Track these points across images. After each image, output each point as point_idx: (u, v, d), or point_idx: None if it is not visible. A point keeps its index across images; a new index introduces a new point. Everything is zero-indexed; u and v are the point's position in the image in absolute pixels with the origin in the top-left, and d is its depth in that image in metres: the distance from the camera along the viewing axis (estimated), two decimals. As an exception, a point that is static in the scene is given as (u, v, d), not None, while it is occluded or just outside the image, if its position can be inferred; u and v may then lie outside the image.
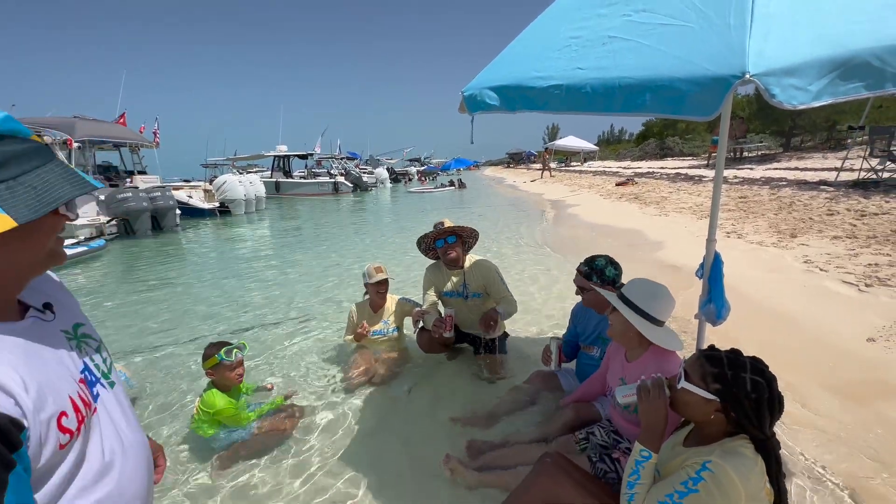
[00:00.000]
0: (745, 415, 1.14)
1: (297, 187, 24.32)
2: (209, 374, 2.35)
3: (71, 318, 0.84)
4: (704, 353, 1.27)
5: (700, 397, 1.20)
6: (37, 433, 0.63)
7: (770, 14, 1.11)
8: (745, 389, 1.14)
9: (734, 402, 1.15)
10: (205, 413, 2.31)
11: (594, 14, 1.53)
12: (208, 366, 2.33)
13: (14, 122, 0.65)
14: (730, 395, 1.16)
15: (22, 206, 0.62)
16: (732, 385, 1.16)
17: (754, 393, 1.14)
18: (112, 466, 0.78)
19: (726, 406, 1.16)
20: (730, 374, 1.17)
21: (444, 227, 2.97)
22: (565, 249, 6.92)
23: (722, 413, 1.17)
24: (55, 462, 0.68)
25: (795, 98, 1.01)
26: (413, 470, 2.17)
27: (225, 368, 2.34)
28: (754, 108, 19.58)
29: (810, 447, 2.11)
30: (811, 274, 4.24)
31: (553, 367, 2.38)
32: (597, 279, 2.25)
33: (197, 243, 10.05)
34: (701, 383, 1.20)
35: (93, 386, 0.80)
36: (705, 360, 1.23)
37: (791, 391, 2.48)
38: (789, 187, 8.78)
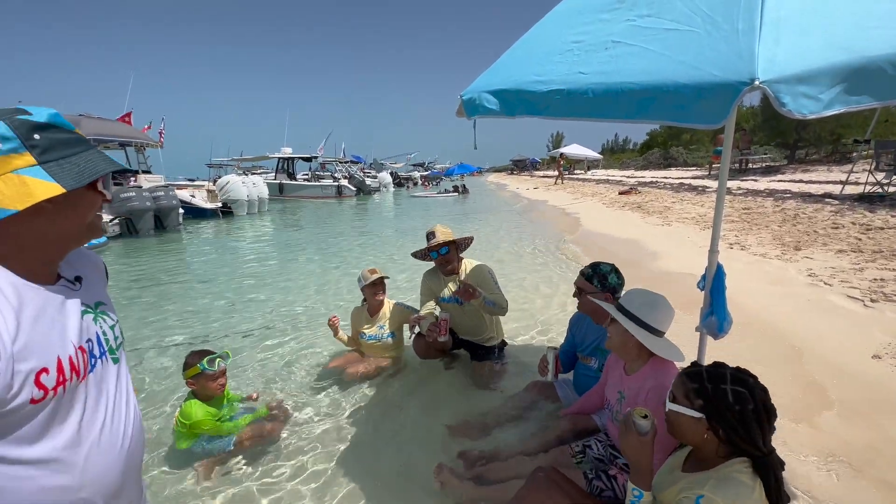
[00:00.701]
0: (732, 428, 1.09)
1: (301, 189, 24.39)
2: (190, 384, 2.26)
3: (95, 295, 0.95)
4: (685, 370, 1.23)
5: (689, 417, 1.15)
6: (6, 381, 0.70)
7: (780, 19, 1.07)
8: (727, 401, 1.09)
9: (718, 416, 1.10)
10: (182, 424, 2.22)
11: (597, 19, 1.50)
12: (189, 375, 2.25)
13: (61, 117, 0.81)
14: (713, 410, 1.11)
15: (69, 177, 0.77)
16: (713, 398, 1.11)
17: (737, 404, 1.08)
18: (86, 439, 0.83)
19: (713, 423, 1.11)
20: (710, 387, 1.13)
21: (437, 238, 2.93)
22: (567, 258, 6.87)
23: (712, 432, 1.12)
24: (25, 414, 0.74)
25: (806, 107, 0.97)
26: (405, 479, 2.12)
27: (207, 378, 2.26)
28: (759, 119, 19.55)
29: (813, 468, 2.04)
30: (815, 288, 4.17)
31: (550, 377, 2.32)
32: (598, 283, 2.20)
33: (198, 244, 10.04)
34: (686, 402, 1.16)
35: (94, 357, 0.88)
36: (686, 378, 1.19)
37: (793, 409, 2.41)
38: (794, 199, 8.72)
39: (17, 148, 0.74)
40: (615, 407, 1.78)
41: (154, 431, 2.53)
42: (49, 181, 0.75)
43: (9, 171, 0.73)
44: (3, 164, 0.73)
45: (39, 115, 0.78)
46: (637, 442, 1.22)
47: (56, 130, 0.79)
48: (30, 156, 0.75)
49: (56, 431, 0.79)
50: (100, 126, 11.98)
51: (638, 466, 1.22)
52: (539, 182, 29.82)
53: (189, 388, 2.28)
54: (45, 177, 0.75)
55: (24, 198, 0.73)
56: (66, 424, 0.81)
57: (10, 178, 0.73)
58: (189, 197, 13.84)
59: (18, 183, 0.73)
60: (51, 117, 0.79)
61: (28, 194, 0.73)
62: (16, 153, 0.74)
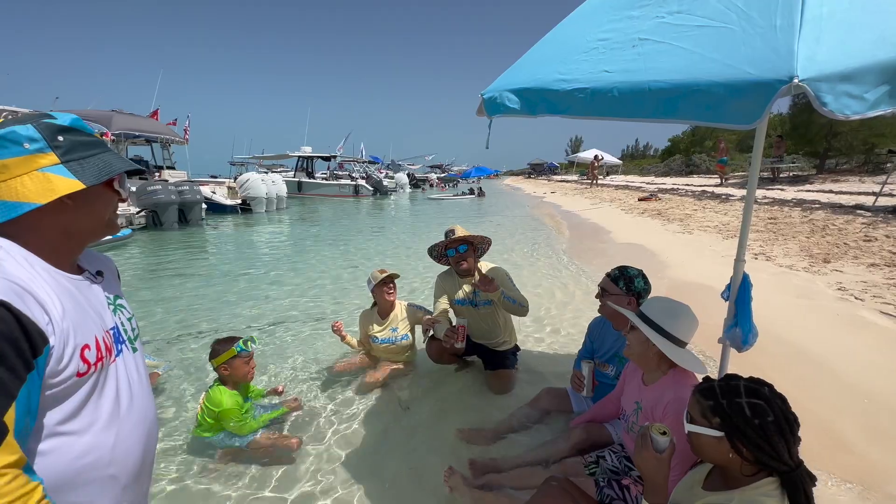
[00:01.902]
0: (756, 445, 1.01)
1: (319, 188, 24.70)
2: (223, 369, 2.22)
3: (113, 290, 1.02)
4: (698, 387, 1.16)
5: (710, 437, 1.08)
6: (59, 353, 0.78)
7: (823, 15, 1.01)
8: (745, 416, 1.02)
9: (739, 433, 1.03)
10: (209, 411, 2.19)
11: (624, 16, 1.45)
12: (224, 359, 2.20)
13: (82, 122, 0.89)
14: (732, 427, 1.04)
15: (88, 175, 0.84)
16: (731, 415, 1.04)
17: (756, 418, 1.01)
18: (116, 418, 0.90)
19: (734, 441, 1.04)
20: (724, 402, 1.06)
21: (455, 235, 2.89)
22: (583, 264, 6.76)
23: (734, 450, 1.05)
24: (70, 387, 0.82)
25: (849, 107, 0.91)
26: (415, 483, 2.09)
27: (241, 362, 2.24)
28: (787, 126, 18.95)
29: (840, 492, 1.94)
30: (845, 302, 3.99)
31: (585, 392, 2.25)
32: (623, 286, 2.15)
33: (218, 238, 10.25)
34: (703, 421, 1.09)
35: (118, 343, 0.96)
36: (699, 395, 1.12)
37: (819, 429, 2.30)
38: (823, 210, 8.40)
39: (43, 148, 0.82)
40: (631, 418, 1.72)
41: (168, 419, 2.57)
42: (70, 178, 0.82)
43: (35, 169, 0.81)
44: (30, 162, 0.81)
45: (63, 120, 0.86)
46: (653, 459, 1.16)
47: (77, 133, 0.87)
48: (54, 155, 0.83)
49: (93, 408, 0.86)
50: (130, 122, 12.38)
51: (653, 484, 1.16)
52: (556, 186, 29.54)
53: (222, 373, 2.24)
54: (66, 174, 0.83)
55: (47, 193, 0.80)
56: (101, 402, 0.88)
57: (35, 175, 0.81)
58: (210, 193, 14.16)
59: (43, 179, 0.81)
60: (73, 121, 0.87)
61: (51, 189, 0.81)
62: (41, 153, 0.82)
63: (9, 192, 0.80)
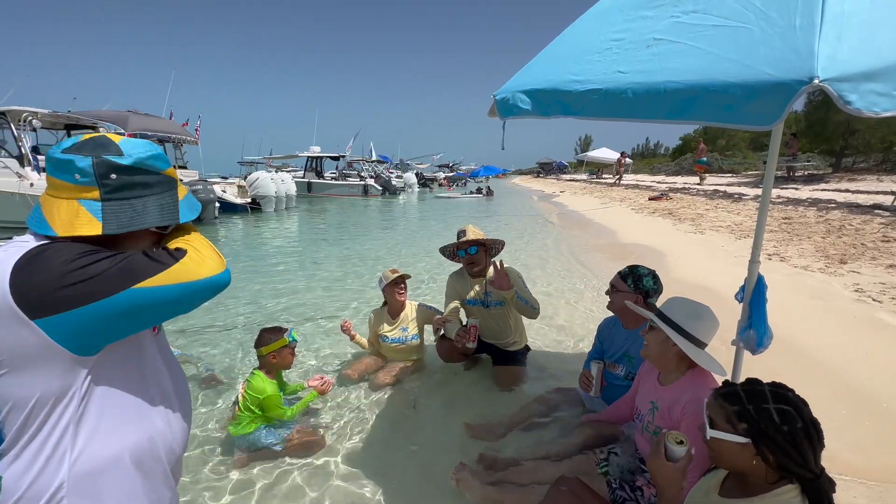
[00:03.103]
0: (785, 452, 0.99)
1: (328, 188, 24.86)
2: (272, 357, 2.29)
3: None
4: (720, 391, 1.13)
5: (733, 443, 1.05)
6: None
7: (844, 13, 0.99)
8: (774, 423, 1.00)
9: (767, 440, 1.01)
10: (252, 398, 2.22)
11: (638, 16, 1.44)
12: (274, 348, 2.28)
13: (152, 160, 0.90)
14: (760, 433, 1.01)
15: (113, 223, 0.86)
16: (758, 421, 1.02)
17: (785, 425, 0.99)
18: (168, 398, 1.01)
19: (761, 447, 1.02)
20: (751, 408, 1.03)
21: (467, 236, 2.89)
22: (593, 265, 6.72)
23: (760, 457, 1.03)
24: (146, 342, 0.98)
25: (878, 104, 0.89)
26: (423, 479, 2.11)
27: (289, 351, 2.34)
28: (802, 124, 18.61)
29: (858, 497, 1.90)
30: (863, 304, 3.92)
31: (594, 392, 2.26)
32: (631, 283, 2.18)
33: (230, 237, 10.37)
34: (727, 427, 1.06)
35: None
36: (723, 400, 1.09)
37: (837, 431, 2.26)
38: (839, 210, 8.24)
39: (90, 183, 0.85)
40: (647, 418, 1.71)
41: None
42: (97, 220, 0.85)
43: (75, 198, 0.85)
44: (74, 191, 0.85)
45: (127, 159, 0.87)
46: (669, 468, 1.13)
47: (133, 173, 0.88)
48: (97, 192, 0.86)
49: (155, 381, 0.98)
50: (146, 122, 12.57)
51: (666, 494, 1.14)
52: (566, 186, 29.36)
53: (269, 361, 2.30)
54: (97, 215, 0.85)
55: (68, 227, 0.84)
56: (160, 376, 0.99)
57: (72, 204, 0.85)
58: (220, 192, 14.31)
59: (73, 212, 0.84)
60: (136, 161, 0.88)
61: (73, 226, 0.84)
62: (86, 187, 0.85)
63: (49, 208, 0.85)
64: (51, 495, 0.82)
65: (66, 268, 0.77)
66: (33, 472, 0.81)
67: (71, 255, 0.79)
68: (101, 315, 0.79)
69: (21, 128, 9.54)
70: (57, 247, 0.81)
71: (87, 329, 0.79)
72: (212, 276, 0.85)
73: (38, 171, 9.43)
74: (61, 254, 0.79)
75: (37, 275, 0.77)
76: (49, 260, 0.78)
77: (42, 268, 0.77)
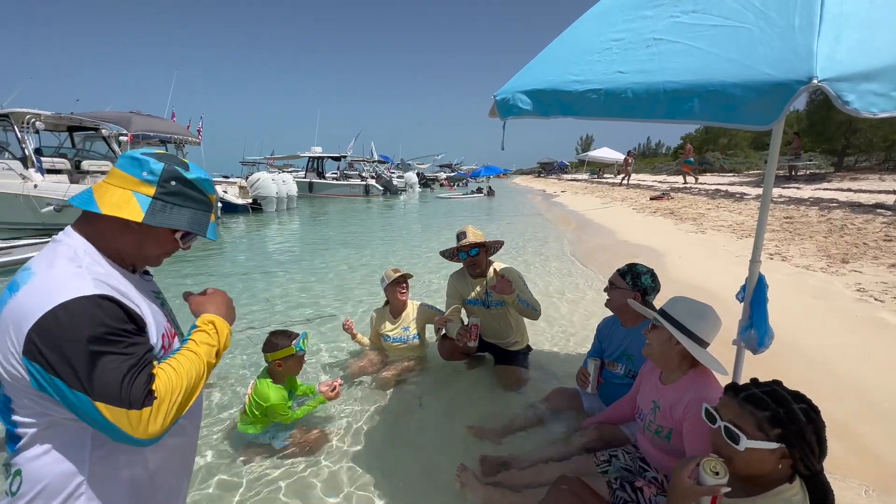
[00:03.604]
0: (812, 450, 1.00)
1: (330, 188, 24.90)
2: (277, 364, 2.23)
3: (156, 286, 1.15)
4: (742, 398, 1.09)
5: (766, 451, 1.03)
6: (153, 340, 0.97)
7: (843, 14, 0.99)
8: (802, 423, 1.00)
9: (799, 440, 1.00)
10: (257, 405, 2.20)
11: (638, 16, 1.44)
12: (280, 356, 2.22)
13: (208, 184, 1.03)
14: (793, 435, 1.01)
15: (154, 216, 0.95)
16: (790, 423, 1.01)
17: (811, 423, 1.00)
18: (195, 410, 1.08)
19: (793, 449, 1.01)
20: (782, 412, 1.03)
21: (467, 238, 2.90)
22: (594, 264, 6.72)
23: (788, 458, 1.02)
24: None
25: (875, 105, 0.89)
26: (425, 480, 2.11)
27: (296, 360, 2.28)
28: (804, 124, 18.57)
29: (861, 497, 1.90)
30: (864, 303, 3.91)
31: (590, 389, 2.26)
32: (629, 281, 2.20)
33: (232, 237, 10.40)
34: (760, 434, 1.03)
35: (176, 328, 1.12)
36: (752, 406, 1.06)
37: (839, 433, 2.26)
38: (841, 209, 8.22)
39: (152, 181, 0.95)
40: (648, 417, 1.71)
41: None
42: (141, 210, 0.94)
43: (130, 189, 0.94)
44: (136, 184, 0.95)
45: (192, 174, 1.00)
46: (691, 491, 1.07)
47: (190, 187, 1.00)
48: (154, 189, 0.95)
49: None
50: (149, 123, 12.58)
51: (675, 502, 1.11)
52: (567, 186, 29.34)
53: (275, 368, 2.25)
54: (144, 205, 0.94)
55: (114, 208, 0.92)
56: None
57: (125, 193, 0.94)
58: (221, 193, 14.33)
59: (125, 198, 0.93)
60: (197, 180, 1.01)
61: (118, 207, 0.92)
62: (147, 183, 0.95)
63: (100, 191, 0.94)
64: (69, 493, 0.86)
65: (76, 335, 0.81)
66: (52, 468, 0.86)
67: (97, 330, 0.83)
68: (54, 388, 0.82)
69: (24, 129, 9.58)
70: (101, 308, 0.85)
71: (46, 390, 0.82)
72: (133, 438, 0.83)
73: (42, 172, 9.46)
74: (95, 319, 0.83)
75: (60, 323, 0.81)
76: (83, 317, 0.83)
77: (71, 320, 0.82)
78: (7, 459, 0.89)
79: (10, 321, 0.82)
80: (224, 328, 1.04)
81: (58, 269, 0.86)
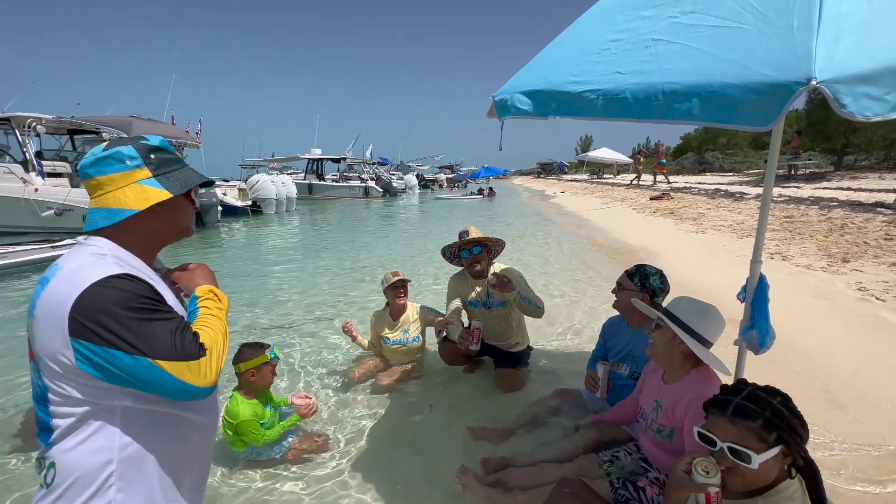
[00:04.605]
0: (802, 438, 1.02)
1: (329, 190, 24.92)
2: (250, 374, 2.16)
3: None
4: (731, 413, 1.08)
5: (772, 459, 1.03)
6: None
7: (841, 14, 0.99)
8: (787, 416, 1.03)
9: (794, 437, 1.02)
10: (228, 424, 2.15)
11: (637, 16, 1.44)
12: (254, 364, 2.15)
13: (167, 143, 1.08)
14: (790, 433, 1.03)
15: (174, 186, 1.03)
16: (780, 421, 1.03)
17: (793, 413, 1.02)
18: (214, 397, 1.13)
19: (793, 448, 1.03)
20: (769, 413, 1.04)
21: (469, 236, 2.89)
22: (595, 264, 6.71)
23: (790, 457, 1.04)
24: None
25: (869, 109, 0.89)
26: (426, 482, 2.11)
27: (270, 369, 2.21)
28: (803, 123, 18.58)
29: (865, 497, 1.90)
30: (866, 303, 3.91)
31: (600, 394, 2.25)
32: (638, 282, 2.18)
33: (233, 240, 10.41)
34: (763, 445, 1.04)
35: None
36: (744, 420, 1.05)
37: (837, 433, 2.25)
38: (841, 208, 8.22)
39: (140, 164, 1.00)
40: (650, 416, 1.71)
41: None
42: (160, 189, 1.01)
43: (133, 182, 1.00)
44: (130, 176, 0.99)
45: (153, 141, 1.05)
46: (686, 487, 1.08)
47: (164, 152, 1.06)
48: (148, 170, 1.01)
49: None
50: (149, 127, 12.60)
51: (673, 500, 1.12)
52: (567, 186, 29.34)
53: (247, 378, 2.18)
54: (158, 186, 1.01)
55: (143, 200, 0.99)
56: None
57: (134, 187, 0.99)
58: (221, 195, 14.33)
59: (140, 190, 0.99)
60: (161, 142, 1.06)
61: (146, 198, 0.99)
62: (139, 168, 1.00)
63: (114, 201, 0.98)
64: (101, 482, 0.90)
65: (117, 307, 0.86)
66: (85, 459, 0.90)
67: (133, 300, 0.88)
68: (110, 361, 0.86)
69: (25, 133, 9.60)
70: (130, 283, 0.90)
71: (99, 366, 0.87)
72: (198, 388, 0.90)
73: (43, 176, 9.47)
74: (127, 293, 0.88)
75: (98, 299, 0.86)
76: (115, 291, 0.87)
77: (106, 295, 0.86)
78: (41, 453, 0.93)
79: (47, 311, 0.86)
80: (222, 295, 1.10)
81: (84, 258, 0.92)
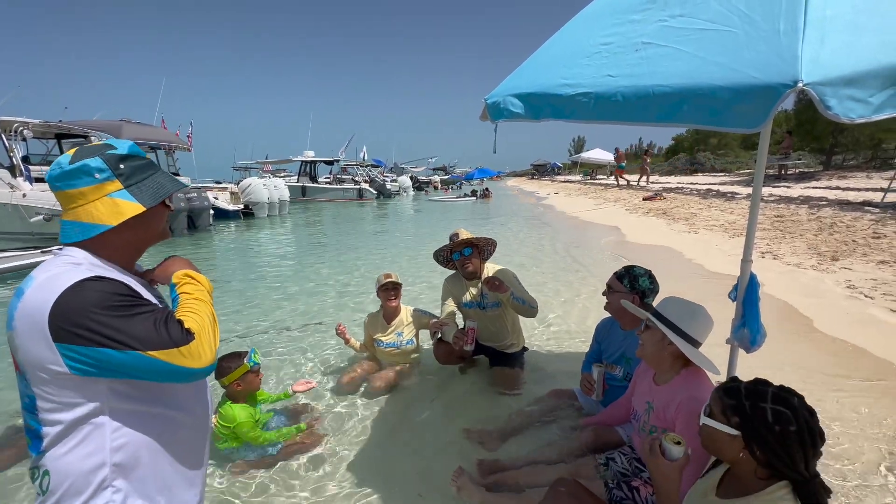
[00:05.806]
0: (772, 451, 1.02)
1: (323, 192, 24.82)
2: (236, 385, 2.20)
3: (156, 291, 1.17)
4: (724, 384, 1.17)
5: (724, 434, 1.09)
6: None
7: (826, 18, 1.01)
8: (766, 421, 1.03)
9: (755, 435, 1.04)
10: (224, 428, 2.20)
11: (627, 20, 1.46)
12: (237, 376, 2.19)
13: (137, 147, 1.05)
14: (750, 429, 1.05)
15: (146, 198, 1.00)
16: (751, 418, 1.05)
17: (777, 425, 1.02)
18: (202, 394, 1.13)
19: (749, 442, 1.06)
20: (747, 404, 1.07)
21: (460, 238, 2.89)
22: (589, 264, 6.75)
23: (748, 451, 1.06)
24: None
25: (853, 111, 0.91)
26: (421, 483, 2.10)
27: (253, 375, 2.25)
28: (793, 123, 18.83)
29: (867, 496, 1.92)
30: (855, 300, 3.96)
31: (595, 396, 2.26)
32: (627, 283, 2.18)
33: (225, 244, 10.33)
34: (722, 418, 1.10)
35: None
36: (723, 393, 1.13)
37: (832, 431, 2.28)
38: (830, 207, 8.34)
39: (109, 177, 0.97)
40: (643, 417, 1.72)
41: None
42: (133, 202, 0.99)
43: (104, 195, 0.97)
44: (101, 189, 0.97)
45: (122, 149, 1.01)
46: (665, 467, 1.16)
47: (134, 159, 1.02)
48: (118, 182, 0.98)
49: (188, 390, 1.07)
50: (139, 131, 12.49)
51: (664, 493, 1.16)
52: (560, 187, 29.47)
53: (234, 389, 2.22)
54: (130, 198, 0.99)
55: (116, 216, 0.97)
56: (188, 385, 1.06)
57: (105, 201, 0.97)
58: (213, 198, 14.23)
59: (112, 204, 0.97)
60: (130, 148, 1.03)
61: (119, 213, 0.97)
62: (109, 181, 0.97)
63: (86, 215, 0.96)
64: (97, 484, 0.91)
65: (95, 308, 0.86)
66: (78, 464, 0.90)
67: (109, 300, 0.87)
68: (101, 360, 0.86)
69: (12, 138, 9.46)
70: (104, 284, 0.89)
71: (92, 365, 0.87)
72: (196, 369, 0.90)
73: (31, 181, 9.34)
74: (102, 293, 0.88)
75: (75, 303, 0.85)
76: (91, 293, 0.87)
77: (82, 298, 0.86)
78: (34, 463, 0.93)
79: (26, 320, 0.86)
80: (199, 275, 1.07)
81: (58, 267, 0.91)
